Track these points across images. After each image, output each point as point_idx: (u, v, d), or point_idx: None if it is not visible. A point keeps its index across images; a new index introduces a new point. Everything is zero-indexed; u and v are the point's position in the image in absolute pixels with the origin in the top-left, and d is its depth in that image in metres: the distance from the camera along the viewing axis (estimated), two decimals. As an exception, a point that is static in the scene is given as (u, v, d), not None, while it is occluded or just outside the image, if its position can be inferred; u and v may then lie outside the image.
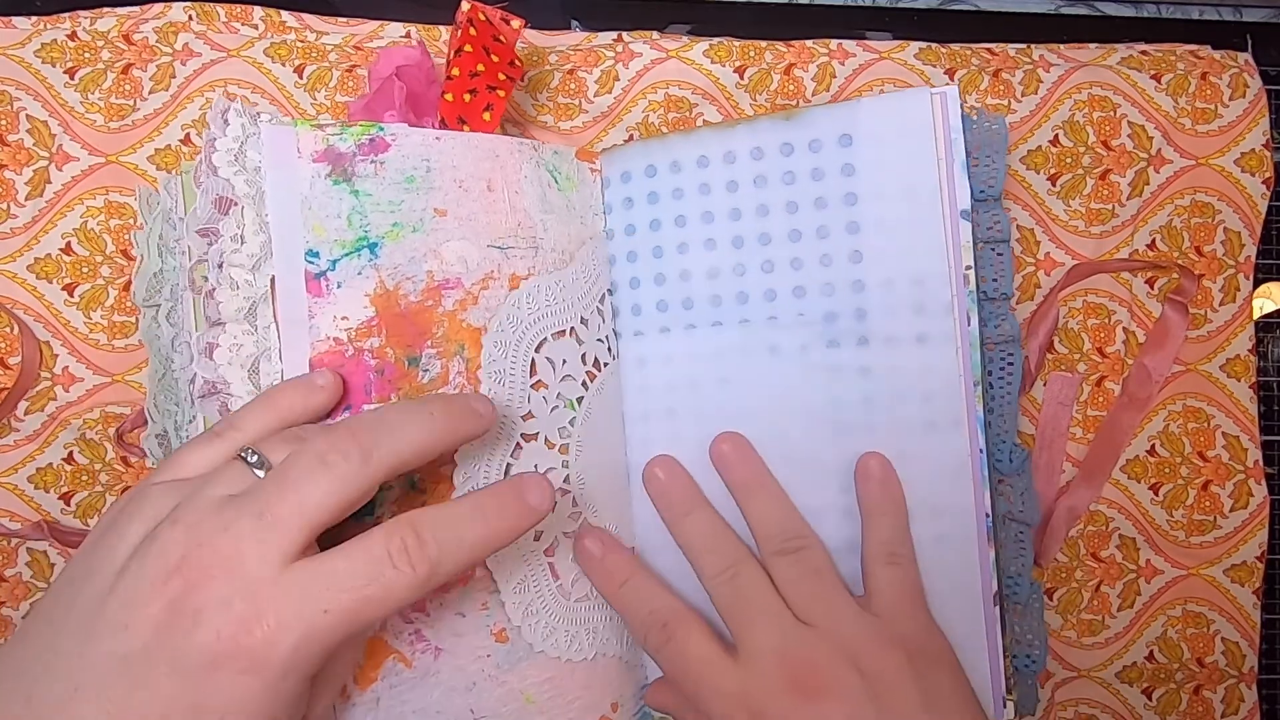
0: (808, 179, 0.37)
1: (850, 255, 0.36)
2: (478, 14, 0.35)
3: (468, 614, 0.33)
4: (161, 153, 0.40)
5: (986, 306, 0.39)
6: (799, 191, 0.37)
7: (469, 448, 0.33)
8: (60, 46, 0.40)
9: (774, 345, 0.37)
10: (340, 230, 0.31)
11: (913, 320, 0.36)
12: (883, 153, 0.36)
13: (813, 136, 0.36)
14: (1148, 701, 0.43)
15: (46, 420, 0.40)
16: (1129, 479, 0.43)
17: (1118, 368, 0.43)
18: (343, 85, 0.41)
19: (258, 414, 0.28)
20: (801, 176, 0.37)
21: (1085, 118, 0.43)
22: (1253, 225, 0.44)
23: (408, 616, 0.32)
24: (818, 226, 0.36)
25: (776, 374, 0.37)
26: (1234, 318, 0.43)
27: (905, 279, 0.36)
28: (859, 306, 0.36)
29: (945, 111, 0.36)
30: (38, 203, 0.40)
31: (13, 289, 0.40)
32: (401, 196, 0.32)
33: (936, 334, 0.36)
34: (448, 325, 0.33)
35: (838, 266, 0.36)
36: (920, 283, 0.36)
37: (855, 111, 0.36)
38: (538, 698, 0.34)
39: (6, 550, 0.39)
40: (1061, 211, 0.43)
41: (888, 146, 0.36)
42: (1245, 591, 0.43)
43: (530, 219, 0.35)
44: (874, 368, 0.36)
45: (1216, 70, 0.43)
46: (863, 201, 0.36)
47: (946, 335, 0.35)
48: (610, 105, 0.42)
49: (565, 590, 0.35)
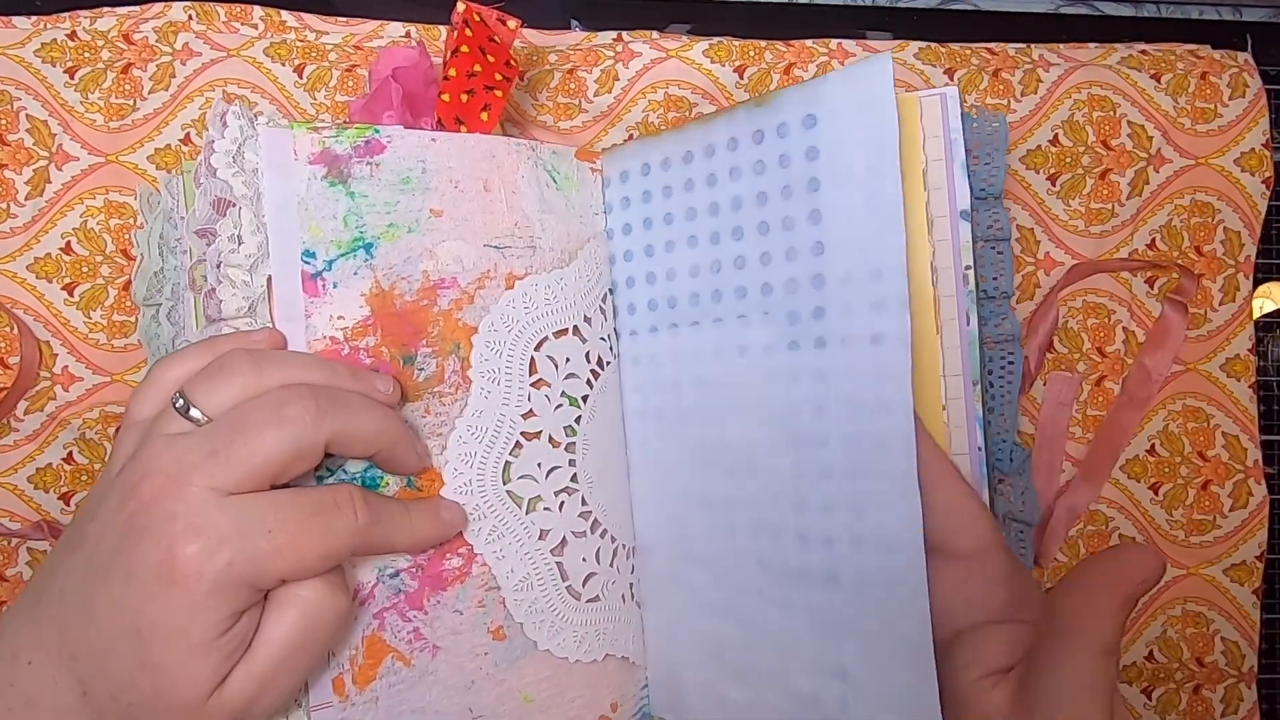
0: (776, 166, 0.34)
1: (813, 248, 0.33)
2: (473, 14, 0.35)
3: (465, 611, 0.33)
4: (161, 152, 0.40)
5: (986, 305, 0.39)
6: (768, 181, 0.34)
7: (465, 445, 0.33)
8: (60, 46, 0.40)
9: (743, 346, 0.35)
10: (336, 231, 0.31)
11: (870, 318, 0.32)
12: (843, 130, 0.33)
13: (780, 120, 0.34)
14: (1147, 701, 0.43)
15: (46, 420, 0.40)
16: (1129, 479, 0.43)
17: (1117, 367, 0.43)
18: (342, 85, 0.41)
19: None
20: (770, 165, 0.34)
21: (1085, 117, 0.43)
22: (1252, 225, 0.43)
23: (405, 614, 0.32)
24: (783, 218, 0.34)
25: (745, 376, 0.35)
26: (1234, 317, 0.43)
27: (864, 272, 0.32)
28: (818, 305, 0.33)
29: (945, 112, 0.36)
30: (38, 202, 0.40)
31: (12, 289, 0.40)
32: (397, 197, 0.32)
33: (892, 334, 0.31)
34: (443, 324, 0.33)
35: (801, 260, 0.33)
36: (879, 275, 0.32)
37: (820, 87, 0.33)
38: (536, 696, 0.34)
39: (6, 550, 0.40)
40: (1061, 211, 0.43)
41: (848, 122, 0.32)
42: (1245, 591, 0.43)
43: (528, 219, 0.35)
44: (829, 373, 0.33)
45: (1216, 70, 0.43)
46: (825, 187, 0.33)
47: (900, 336, 0.31)
48: (610, 105, 0.42)
49: (575, 590, 0.35)
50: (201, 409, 0.27)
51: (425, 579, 0.32)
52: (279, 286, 0.31)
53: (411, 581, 0.32)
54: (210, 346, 0.30)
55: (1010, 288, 0.39)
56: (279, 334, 0.30)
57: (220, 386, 0.28)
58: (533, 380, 0.35)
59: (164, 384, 0.29)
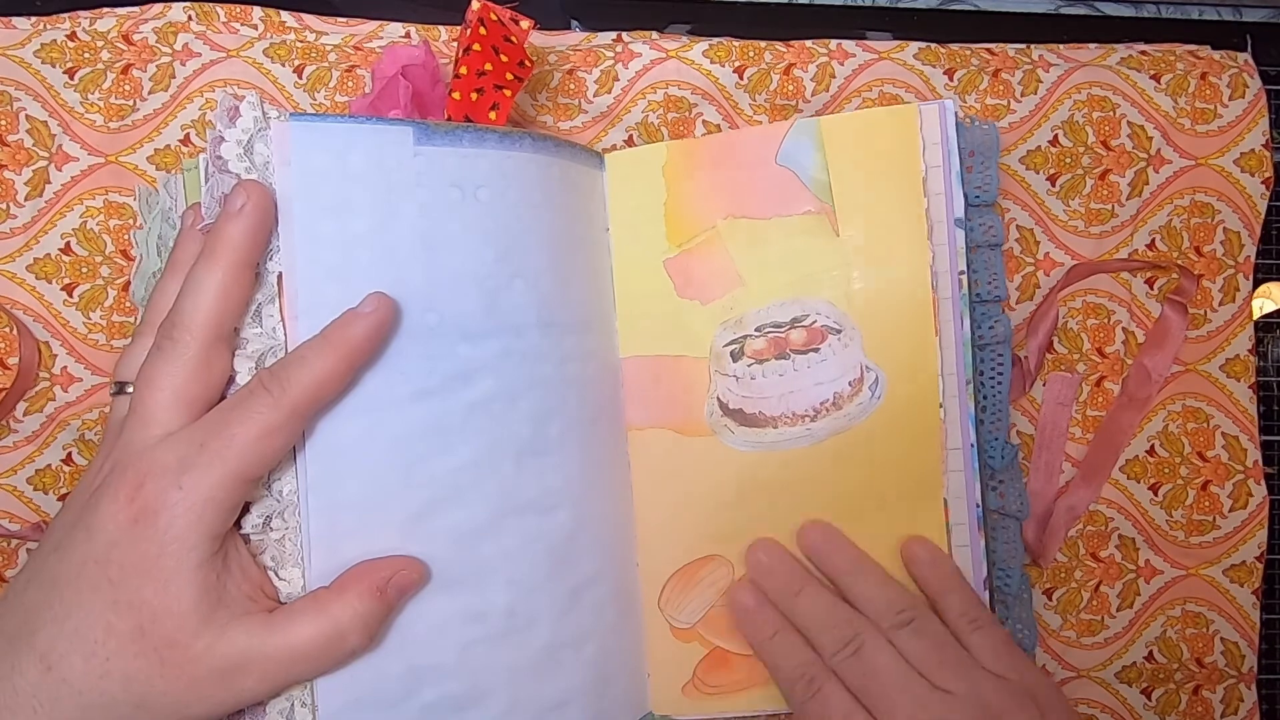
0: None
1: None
2: (489, 14, 0.35)
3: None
4: (161, 153, 0.40)
5: (979, 308, 0.40)
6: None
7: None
8: (60, 47, 0.40)
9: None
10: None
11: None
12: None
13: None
14: (1147, 701, 0.43)
15: (45, 421, 0.40)
16: (1128, 479, 0.43)
17: (1117, 368, 0.43)
18: (342, 85, 0.41)
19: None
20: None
21: (1085, 118, 0.43)
22: (1252, 225, 0.44)
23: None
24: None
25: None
26: (1233, 318, 0.43)
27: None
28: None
29: (944, 121, 0.38)
30: (37, 203, 0.40)
31: (12, 289, 0.40)
32: None
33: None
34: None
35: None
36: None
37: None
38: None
39: (6, 551, 0.39)
40: (1061, 212, 0.43)
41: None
42: (1244, 591, 0.43)
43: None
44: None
45: (1216, 70, 0.43)
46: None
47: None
48: (610, 105, 0.42)
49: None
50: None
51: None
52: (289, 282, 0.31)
53: None
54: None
55: (1003, 292, 0.40)
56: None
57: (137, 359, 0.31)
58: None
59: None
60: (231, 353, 0.30)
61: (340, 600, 0.29)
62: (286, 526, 0.31)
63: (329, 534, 0.31)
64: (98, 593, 0.27)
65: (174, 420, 0.29)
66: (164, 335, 0.29)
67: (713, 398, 0.38)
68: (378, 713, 0.32)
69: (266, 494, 0.31)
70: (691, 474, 0.38)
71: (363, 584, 0.30)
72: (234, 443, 0.28)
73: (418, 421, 0.32)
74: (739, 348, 0.38)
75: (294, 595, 0.31)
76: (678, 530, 0.39)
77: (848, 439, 0.38)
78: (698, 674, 0.39)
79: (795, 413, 0.38)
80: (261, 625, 0.28)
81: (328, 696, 0.31)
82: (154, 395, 0.29)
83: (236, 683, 0.28)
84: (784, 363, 0.38)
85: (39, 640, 0.27)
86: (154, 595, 0.27)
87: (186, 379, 0.29)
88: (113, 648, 0.27)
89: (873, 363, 0.38)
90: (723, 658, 0.39)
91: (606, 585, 0.36)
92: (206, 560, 0.28)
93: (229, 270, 0.29)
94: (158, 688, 0.27)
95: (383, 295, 0.30)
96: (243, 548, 0.30)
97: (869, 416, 0.38)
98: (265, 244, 0.30)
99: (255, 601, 0.29)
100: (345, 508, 0.31)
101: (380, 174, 0.32)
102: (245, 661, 0.28)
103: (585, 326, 0.37)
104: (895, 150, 0.38)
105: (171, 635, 0.27)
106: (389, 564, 0.31)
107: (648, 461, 0.39)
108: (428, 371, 0.32)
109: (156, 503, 0.27)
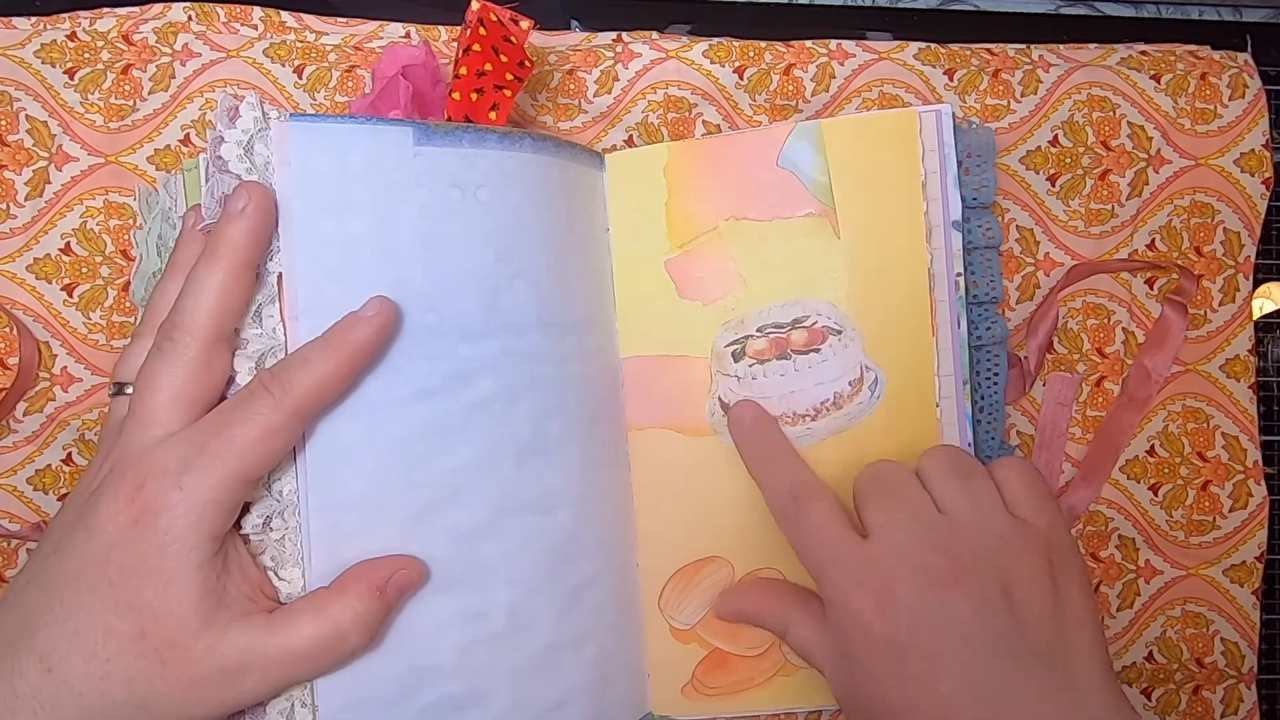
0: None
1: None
2: (489, 14, 0.35)
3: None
4: (161, 153, 0.40)
5: (976, 310, 0.40)
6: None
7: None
8: (60, 47, 0.40)
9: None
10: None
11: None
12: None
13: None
14: (1147, 702, 0.43)
15: (45, 421, 0.40)
16: (1128, 479, 0.43)
17: (1117, 368, 0.43)
18: (342, 85, 0.41)
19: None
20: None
21: (1085, 118, 0.43)
22: (1252, 225, 0.44)
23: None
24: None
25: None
26: (1233, 318, 0.43)
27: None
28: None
29: (941, 127, 0.38)
30: (37, 203, 0.40)
31: (12, 289, 0.40)
32: None
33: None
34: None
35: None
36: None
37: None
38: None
39: (6, 552, 0.39)
40: (1061, 212, 0.43)
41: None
42: (1244, 592, 0.43)
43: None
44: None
45: (1216, 70, 0.43)
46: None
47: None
48: (610, 105, 0.42)
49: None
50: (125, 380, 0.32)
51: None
52: (289, 283, 0.31)
53: None
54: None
55: (999, 294, 0.40)
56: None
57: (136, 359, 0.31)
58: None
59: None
60: (232, 353, 0.30)
61: (340, 600, 0.29)
62: (286, 527, 0.31)
63: (329, 534, 0.31)
64: (98, 594, 0.27)
65: (174, 421, 0.29)
66: (164, 336, 0.29)
67: (714, 398, 0.39)
68: (378, 713, 0.32)
69: (266, 494, 0.31)
70: (692, 474, 0.39)
71: (362, 584, 0.30)
72: (234, 443, 0.28)
73: (418, 421, 0.32)
74: (740, 348, 0.38)
75: (294, 595, 0.31)
76: (678, 530, 0.39)
77: (848, 438, 0.38)
78: (697, 675, 0.39)
79: (796, 412, 0.38)
80: (262, 626, 0.28)
81: (328, 696, 0.31)
82: (154, 396, 0.29)
83: (237, 683, 0.28)
84: (785, 363, 0.38)
85: (39, 641, 0.27)
86: (155, 596, 0.27)
87: (187, 380, 0.29)
88: (113, 649, 0.27)
89: (872, 363, 0.38)
90: (722, 659, 0.39)
91: (607, 585, 0.36)
92: (207, 561, 0.28)
93: (230, 271, 0.29)
94: (158, 689, 0.27)
95: (385, 299, 0.30)
96: (243, 548, 0.30)
97: (869, 416, 0.38)
98: (266, 245, 0.30)
99: (255, 602, 0.29)
100: (345, 508, 0.31)
101: (380, 174, 0.32)
102: (246, 662, 0.28)
103: (586, 326, 0.37)
104: (895, 154, 0.38)
105: (172, 636, 0.27)
106: (388, 564, 0.31)
107: (648, 462, 0.39)
108: (428, 372, 0.32)
109: (157, 504, 0.27)
